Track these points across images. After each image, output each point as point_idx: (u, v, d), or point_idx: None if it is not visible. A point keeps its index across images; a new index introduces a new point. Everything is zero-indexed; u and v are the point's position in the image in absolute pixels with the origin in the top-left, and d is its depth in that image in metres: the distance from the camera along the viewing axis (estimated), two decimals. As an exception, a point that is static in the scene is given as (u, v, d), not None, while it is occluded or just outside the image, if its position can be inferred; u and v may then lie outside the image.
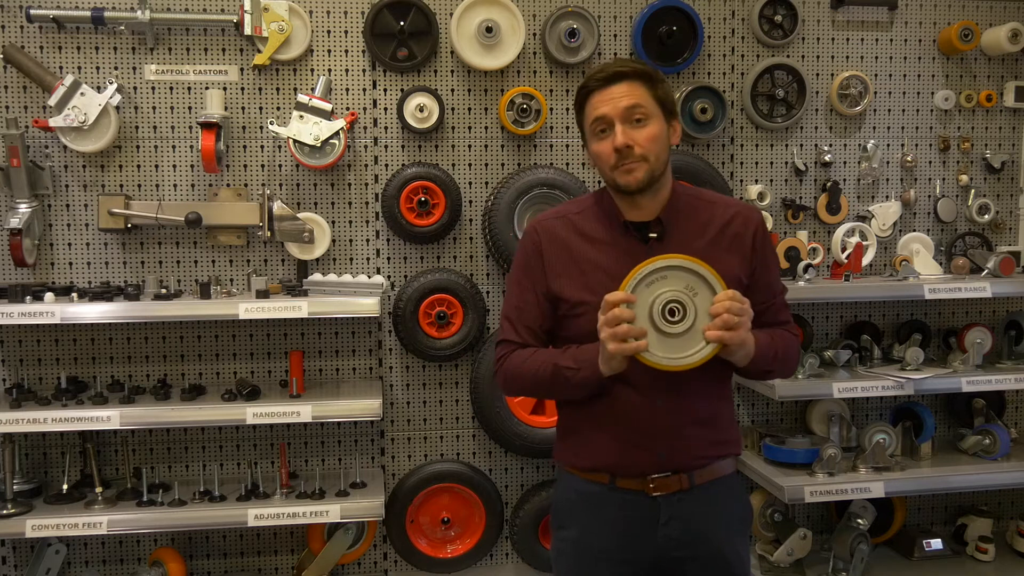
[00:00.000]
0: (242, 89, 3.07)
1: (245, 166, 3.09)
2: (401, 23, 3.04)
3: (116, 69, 3.00)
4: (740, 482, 2.02)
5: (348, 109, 3.10)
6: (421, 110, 3.06)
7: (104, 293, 2.74)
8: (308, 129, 2.92)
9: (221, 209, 3.00)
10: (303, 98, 2.93)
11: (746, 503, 2.05)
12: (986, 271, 3.13)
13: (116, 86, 2.90)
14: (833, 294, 3.03)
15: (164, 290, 2.85)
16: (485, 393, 3.08)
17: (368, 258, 3.17)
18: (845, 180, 3.37)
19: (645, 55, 3.14)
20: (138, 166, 3.04)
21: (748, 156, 3.32)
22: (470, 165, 3.19)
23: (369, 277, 2.86)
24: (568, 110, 3.21)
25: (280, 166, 3.11)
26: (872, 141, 3.35)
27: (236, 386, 2.98)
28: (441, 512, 3.17)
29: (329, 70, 3.09)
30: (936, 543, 3.23)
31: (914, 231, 3.39)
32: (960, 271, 3.16)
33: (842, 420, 3.17)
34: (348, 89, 3.11)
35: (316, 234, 3.05)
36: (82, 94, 2.86)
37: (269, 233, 2.98)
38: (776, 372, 1.93)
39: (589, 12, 3.12)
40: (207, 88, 3.01)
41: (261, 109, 3.08)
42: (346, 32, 3.10)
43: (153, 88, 3.03)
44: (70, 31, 2.97)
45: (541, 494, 3.16)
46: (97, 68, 3.00)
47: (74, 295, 2.70)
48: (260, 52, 2.99)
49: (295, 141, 2.92)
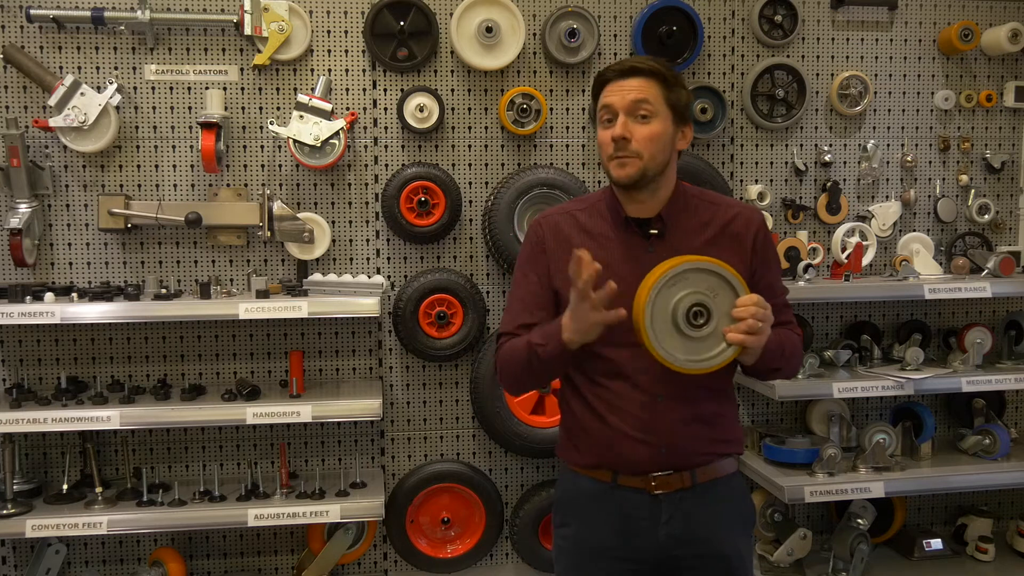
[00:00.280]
0: (242, 89, 3.07)
1: (245, 166, 3.09)
2: (401, 23, 3.04)
3: (116, 69, 3.00)
4: (743, 481, 2.03)
5: (348, 109, 3.10)
6: (421, 110, 3.06)
7: (104, 293, 2.74)
8: (308, 129, 2.92)
9: (221, 209, 3.01)
10: (303, 98, 2.93)
11: (749, 502, 2.05)
12: (986, 271, 3.13)
13: (116, 86, 2.90)
14: (833, 294, 3.03)
15: (164, 290, 2.85)
16: (485, 393, 3.08)
17: (368, 258, 3.17)
18: (845, 180, 3.37)
19: (645, 55, 3.13)
20: (138, 166, 3.04)
21: (748, 156, 3.32)
22: (470, 165, 3.19)
23: (369, 277, 2.86)
24: (568, 110, 3.21)
25: (280, 166, 3.11)
26: (872, 141, 3.35)
27: (236, 386, 2.98)
28: (441, 512, 3.17)
29: (329, 70, 3.09)
30: (936, 543, 3.23)
31: (914, 231, 3.39)
32: (960, 271, 3.16)
33: (842, 420, 3.17)
34: (348, 89, 3.11)
35: (316, 234, 3.05)
36: (82, 94, 2.86)
37: (269, 233, 2.98)
38: (783, 371, 1.94)
39: (589, 12, 3.12)
40: (207, 88, 3.02)
41: (261, 109, 3.08)
42: (346, 32, 3.10)
43: (153, 88, 3.03)
44: (70, 31, 2.97)
45: (541, 494, 3.16)
46: (97, 68, 3.00)
47: (74, 295, 2.70)
48: (260, 52, 2.99)
49: (295, 141, 2.92)
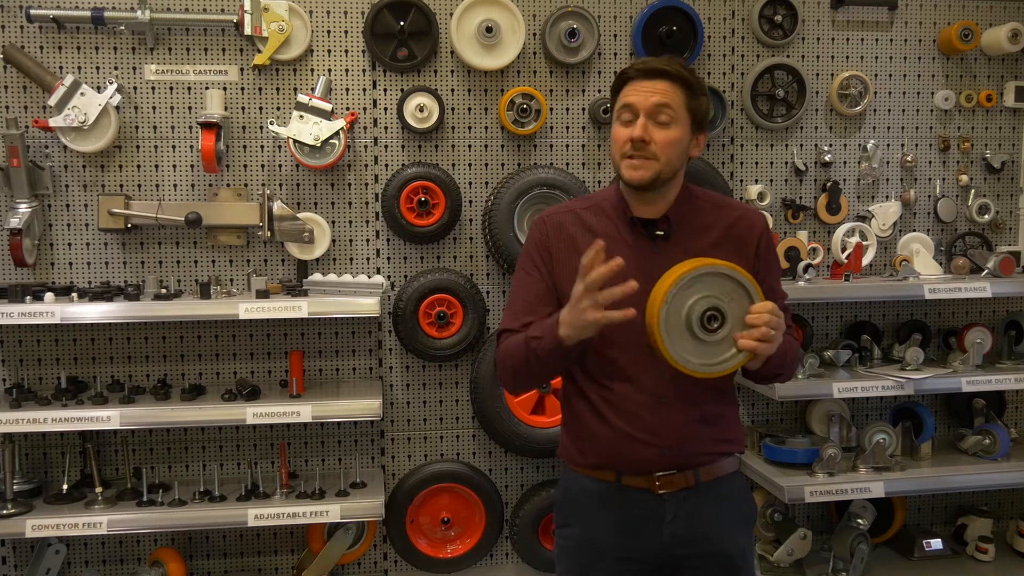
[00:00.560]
0: (242, 89, 3.07)
1: (245, 166, 3.09)
2: (401, 23, 3.04)
3: (116, 69, 3.00)
4: (744, 480, 2.03)
5: (348, 109, 3.10)
6: (421, 110, 3.06)
7: (104, 293, 2.74)
8: (308, 129, 2.92)
9: (221, 209, 3.00)
10: (303, 98, 2.93)
11: (750, 501, 2.05)
12: (986, 271, 3.13)
13: (116, 86, 2.90)
14: (833, 294, 3.04)
15: (164, 290, 2.85)
16: (485, 393, 3.08)
17: (368, 258, 3.17)
18: (845, 180, 3.37)
19: (645, 55, 3.14)
20: (138, 166, 3.04)
21: (748, 156, 3.32)
22: (470, 165, 3.19)
23: (369, 277, 2.86)
24: (568, 110, 3.21)
25: (280, 166, 3.11)
26: (872, 141, 3.35)
27: (236, 386, 2.98)
28: (441, 512, 3.17)
29: (329, 70, 3.09)
30: (936, 543, 3.24)
31: (914, 231, 3.39)
32: (960, 271, 3.16)
33: (842, 420, 3.17)
34: (348, 89, 3.11)
35: (316, 234, 3.05)
36: (82, 94, 2.86)
37: (269, 233, 2.98)
38: (782, 376, 1.95)
39: (589, 12, 3.12)
40: (207, 88, 3.01)
41: (261, 109, 3.08)
42: (346, 32, 3.10)
43: (153, 88, 3.03)
44: (70, 31, 2.97)
45: (541, 494, 3.16)
46: (97, 68, 2.99)
47: (74, 295, 2.70)
48: (260, 52, 2.99)
49: (295, 141, 2.92)
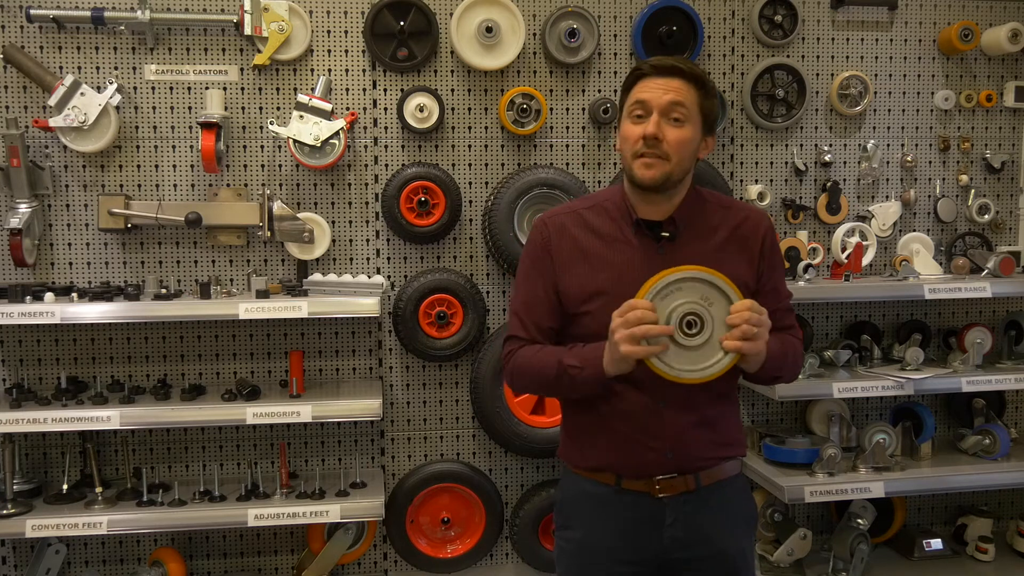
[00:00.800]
0: (242, 89, 3.07)
1: (245, 166, 3.09)
2: (401, 23, 3.04)
3: (116, 69, 3.00)
4: (746, 482, 2.03)
5: (348, 109, 3.10)
6: (421, 110, 3.06)
7: (104, 293, 2.74)
8: (308, 129, 2.92)
9: (221, 209, 3.00)
10: (303, 98, 2.93)
11: (751, 503, 2.04)
12: (986, 271, 3.13)
13: (116, 86, 2.90)
14: (833, 294, 3.03)
15: (164, 290, 2.85)
16: (485, 393, 3.08)
17: (368, 258, 3.17)
18: (845, 180, 3.37)
19: (645, 55, 3.14)
20: (138, 166, 3.04)
21: (748, 156, 3.32)
22: (470, 165, 3.19)
23: (369, 277, 2.86)
24: (568, 110, 3.21)
25: (280, 166, 3.11)
26: (872, 141, 3.35)
27: (236, 386, 2.98)
28: (441, 512, 3.17)
29: (329, 70, 3.09)
30: (936, 543, 3.24)
31: (914, 231, 3.39)
32: (960, 271, 3.16)
33: (842, 420, 3.17)
34: (348, 89, 3.11)
35: (316, 234, 3.05)
36: (82, 94, 2.86)
37: (269, 233, 2.98)
38: (784, 378, 1.93)
39: (589, 12, 3.12)
40: (207, 88, 3.02)
41: (261, 109, 3.08)
42: (346, 32, 3.10)
43: (153, 88, 3.03)
44: (70, 31, 2.97)
45: (541, 494, 3.16)
46: (97, 68, 2.99)
47: (74, 295, 2.70)
48: (260, 52, 2.99)
49: (295, 141, 2.92)
